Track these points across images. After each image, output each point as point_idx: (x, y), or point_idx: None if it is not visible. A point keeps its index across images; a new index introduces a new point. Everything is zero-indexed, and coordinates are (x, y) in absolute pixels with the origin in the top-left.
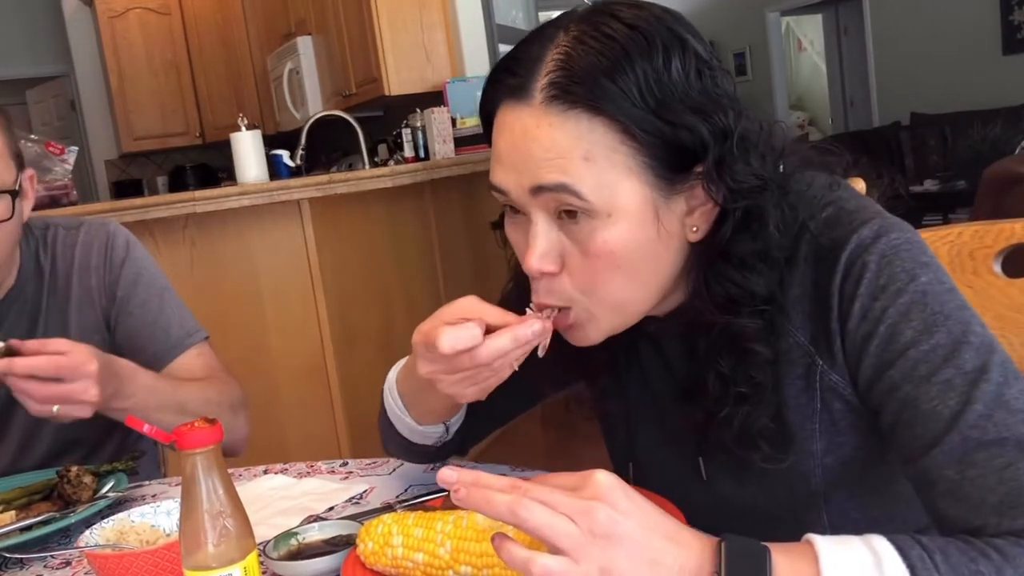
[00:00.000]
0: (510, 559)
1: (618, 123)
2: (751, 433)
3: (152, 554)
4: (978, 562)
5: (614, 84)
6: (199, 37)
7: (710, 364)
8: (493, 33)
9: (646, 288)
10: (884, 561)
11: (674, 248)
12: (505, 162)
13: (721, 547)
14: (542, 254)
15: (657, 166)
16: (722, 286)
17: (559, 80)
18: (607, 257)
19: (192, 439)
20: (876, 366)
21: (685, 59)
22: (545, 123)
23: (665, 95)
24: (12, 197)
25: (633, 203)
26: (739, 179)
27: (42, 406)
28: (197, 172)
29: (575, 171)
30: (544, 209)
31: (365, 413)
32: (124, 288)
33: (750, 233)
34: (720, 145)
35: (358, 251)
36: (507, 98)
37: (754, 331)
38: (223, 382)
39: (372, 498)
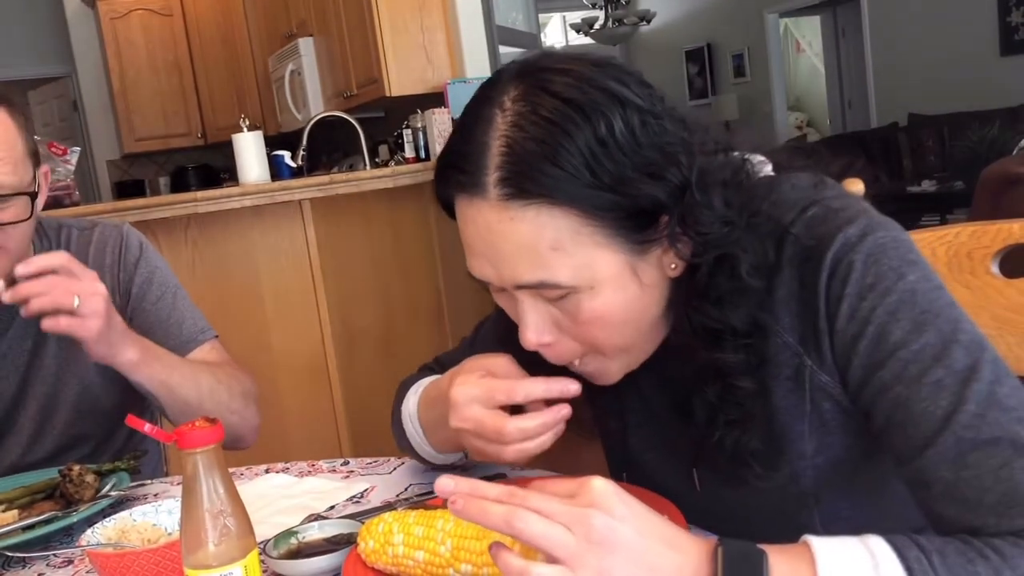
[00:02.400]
0: (506, 568)
1: (575, 207)
2: (742, 454)
3: (153, 553)
4: (976, 563)
5: (562, 170)
6: (201, 38)
7: (697, 392)
8: (493, 34)
9: (644, 331)
10: (881, 562)
11: (659, 292)
12: (479, 255)
13: (718, 551)
14: (537, 331)
15: (624, 232)
16: (702, 322)
17: (508, 176)
18: (599, 321)
19: (193, 438)
20: (866, 367)
21: (627, 116)
22: (507, 218)
23: (615, 165)
24: (31, 199)
25: (611, 271)
26: (704, 230)
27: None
28: (199, 172)
29: (548, 264)
30: (530, 296)
31: (366, 412)
32: (139, 286)
33: (724, 276)
34: (679, 201)
35: (359, 251)
36: (461, 192)
37: (737, 365)
38: (236, 370)
39: (373, 497)
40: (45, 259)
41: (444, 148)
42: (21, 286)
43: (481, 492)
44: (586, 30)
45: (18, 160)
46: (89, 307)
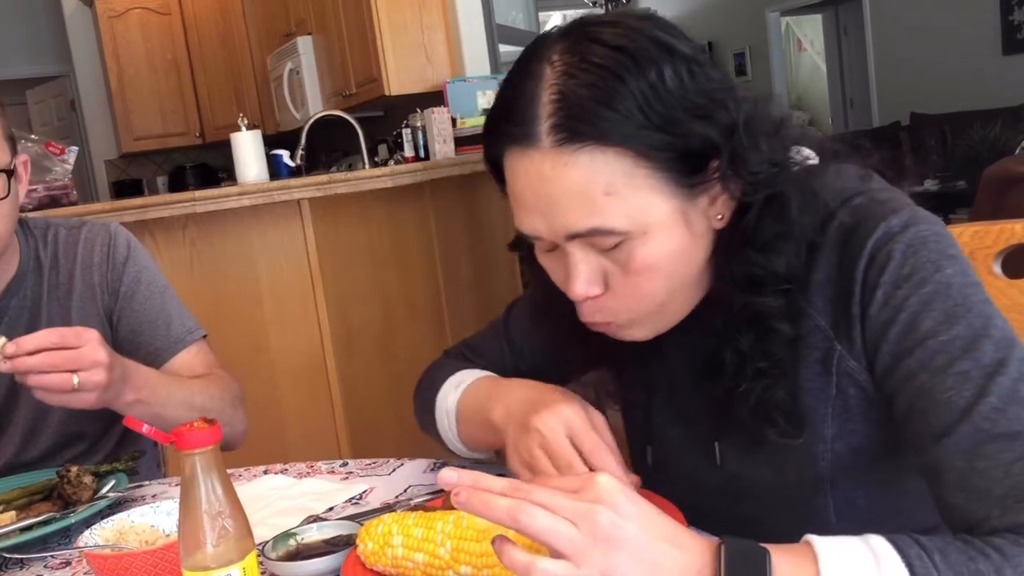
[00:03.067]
0: (511, 563)
1: (629, 149)
2: (768, 407)
3: (151, 554)
4: (977, 561)
5: (615, 112)
6: (199, 37)
7: (729, 340)
8: (493, 33)
9: (686, 286)
10: (883, 560)
11: (704, 243)
12: (530, 208)
13: (721, 549)
14: (586, 281)
15: (676, 176)
16: (745, 268)
17: (562, 121)
18: (648, 271)
19: (191, 439)
20: (894, 353)
21: (676, 65)
22: (560, 164)
23: (665, 107)
24: (8, 176)
25: (663, 216)
26: (754, 169)
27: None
28: (197, 172)
29: (601, 210)
30: (581, 245)
31: (365, 413)
32: (127, 285)
33: (772, 217)
34: (728, 141)
35: (358, 251)
36: (512, 145)
37: (776, 310)
38: (223, 378)
39: (372, 498)
40: (35, 339)
41: (492, 107)
42: (20, 360)
43: (485, 485)
44: None
45: None
46: (89, 382)
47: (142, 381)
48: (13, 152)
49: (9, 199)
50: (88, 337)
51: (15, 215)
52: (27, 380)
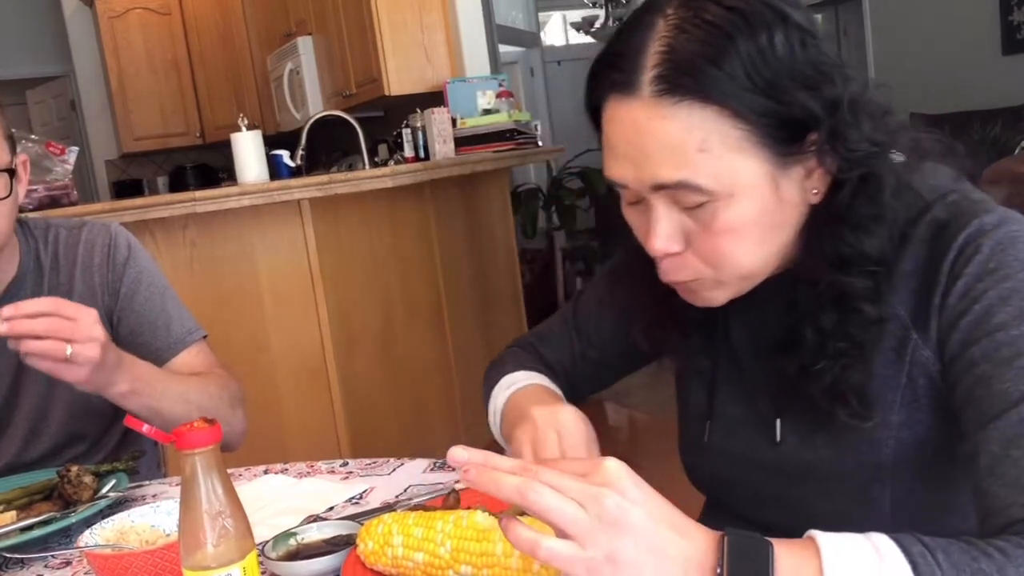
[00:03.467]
0: (516, 541)
1: (729, 108)
2: (842, 388)
3: (152, 554)
4: (980, 560)
5: (720, 71)
6: (199, 37)
7: (810, 317)
8: (493, 33)
9: (769, 253)
10: (886, 557)
11: (794, 213)
12: (620, 156)
13: (724, 540)
14: (666, 237)
15: (772, 143)
16: (836, 246)
17: (666, 73)
18: (731, 233)
19: (191, 439)
20: (962, 341)
21: (788, 32)
22: (657, 116)
23: (772, 73)
24: (10, 176)
25: (752, 180)
26: (853, 147)
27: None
28: (197, 172)
29: (692, 165)
30: (666, 199)
31: (365, 413)
32: (127, 286)
33: (866, 197)
34: (831, 116)
35: (358, 251)
36: (614, 92)
37: (862, 290)
38: (222, 377)
39: (372, 498)
40: (34, 304)
41: (600, 53)
42: (18, 322)
43: (493, 464)
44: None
45: None
46: (82, 355)
47: (137, 372)
48: (13, 151)
49: (9, 199)
50: (87, 312)
51: (14, 214)
52: (21, 346)
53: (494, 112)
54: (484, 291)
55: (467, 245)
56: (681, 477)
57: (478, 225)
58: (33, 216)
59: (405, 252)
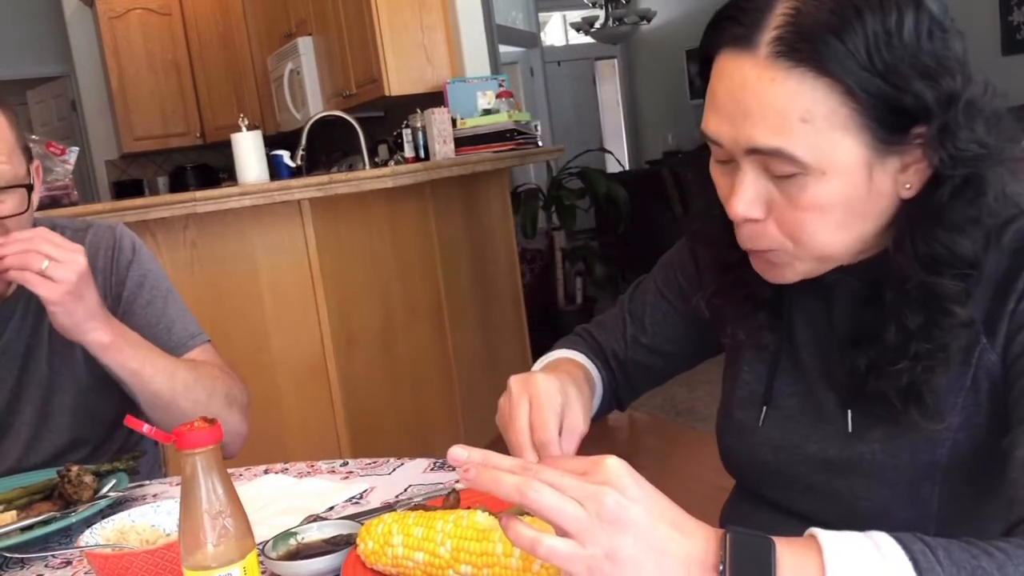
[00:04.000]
0: (517, 539)
1: (842, 84)
2: (920, 389)
3: (152, 554)
4: (980, 559)
5: (842, 44)
6: (200, 37)
7: (896, 316)
8: (493, 33)
9: (851, 239)
10: (887, 554)
11: (884, 204)
12: (721, 111)
13: (726, 538)
14: (749, 202)
15: (877, 128)
16: (929, 246)
17: (787, 36)
18: (816, 211)
19: (192, 439)
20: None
21: (919, 19)
22: (767, 77)
23: (894, 57)
24: (28, 192)
25: (848, 161)
26: (961, 147)
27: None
28: (198, 172)
29: (791, 133)
30: (756, 164)
31: (365, 413)
32: (130, 289)
33: (966, 199)
34: (944, 112)
35: (358, 251)
36: (729, 45)
37: (955, 293)
38: (225, 374)
39: (372, 498)
40: (23, 232)
41: (725, 4)
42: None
43: (494, 463)
44: (586, 29)
45: (12, 153)
46: (58, 273)
47: (121, 330)
48: (30, 160)
49: (26, 214)
50: (73, 244)
51: (30, 226)
52: (3, 261)
53: (494, 112)
54: (484, 291)
55: (467, 245)
56: (682, 475)
57: (478, 225)
58: (38, 217)
59: (405, 252)
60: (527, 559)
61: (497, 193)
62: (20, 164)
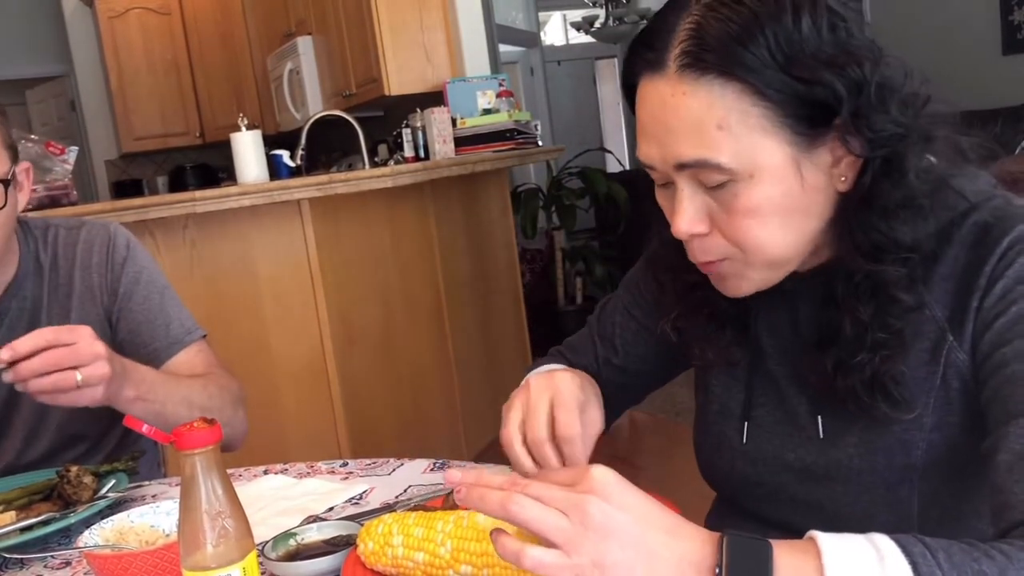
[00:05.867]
0: (503, 551)
1: (750, 85)
2: (883, 380)
3: (151, 554)
4: (981, 562)
5: (744, 48)
6: (199, 37)
7: (849, 310)
8: (493, 33)
9: (797, 239)
10: (886, 556)
11: (822, 200)
12: (648, 135)
13: (723, 541)
14: (690, 219)
15: (794, 123)
16: (867, 234)
17: (691, 49)
18: (754, 215)
19: (191, 439)
20: (993, 342)
21: (816, 15)
22: (679, 91)
23: (796, 53)
24: (5, 186)
25: (773, 162)
26: (877, 129)
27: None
28: (197, 172)
29: (712, 143)
30: (689, 179)
31: (365, 413)
32: (126, 286)
33: (891, 181)
34: (855, 97)
35: (358, 251)
36: (645, 71)
37: (897, 279)
38: (223, 377)
39: (372, 498)
40: (29, 340)
41: (637, 34)
42: (21, 366)
43: (484, 482)
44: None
45: None
46: (93, 376)
47: (140, 377)
48: (14, 160)
49: (6, 209)
50: (82, 332)
51: (12, 223)
52: (28, 386)
53: (494, 112)
54: (484, 291)
55: (467, 245)
56: (682, 475)
57: (478, 225)
58: (32, 216)
59: (405, 252)
60: None
61: (497, 193)
62: (2, 161)
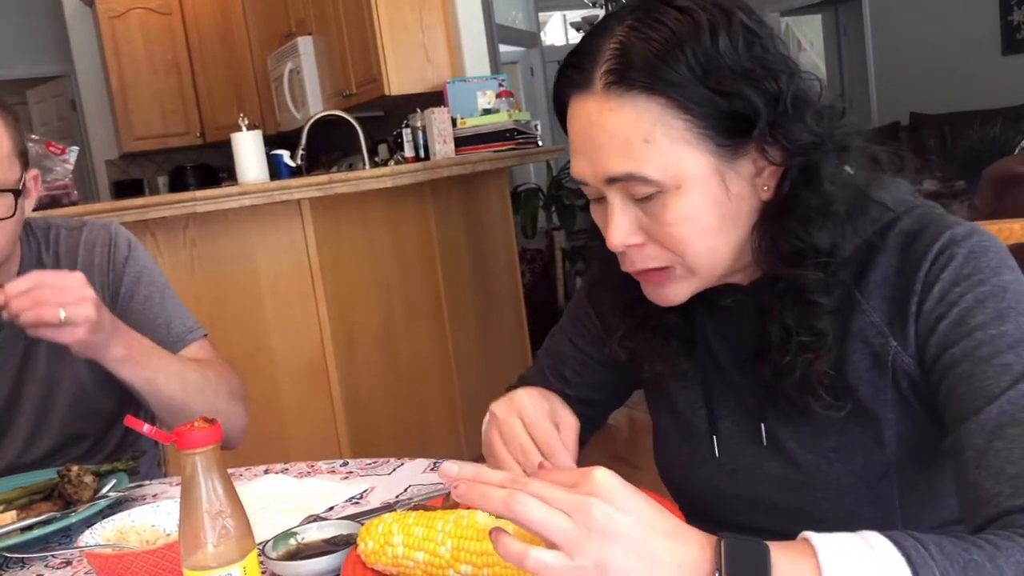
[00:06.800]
0: (505, 552)
1: (671, 99)
2: (811, 381)
3: (152, 554)
4: (971, 551)
5: (666, 64)
6: (199, 37)
7: (775, 315)
8: (493, 33)
9: (728, 247)
10: (880, 552)
11: (747, 208)
12: (579, 152)
13: (721, 544)
14: (623, 232)
15: (715, 135)
16: (787, 240)
17: (616, 67)
18: (684, 224)
19: (192, 439)
20: (940, 344)
21: (732, 33)
22: (606, 108)
23: (714, 68)
24: (15, 196)
25: (697, 172)
26: (793, 138)
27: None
28: (198, 172)
29: (638, 156)
30: (620, 192)
31: (365, 413)
32: (127, 286)
33: (808, 189)
34: (772, 108)
35: (358, 251)
36: (574, 90)
37: (815, 282)
38: (223, 368)
39: (372, 498)
40: (19, 282)
41: (565, 57)
42: (12, 303)
43: (483, 478)
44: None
45: (3, 158)
46: (78, 315)
47: (133, 339)
48: (24, 167)
49: (12, 219)
50: (72, 275)
51: (18, 230)
52: (20, 319)
53: (494, 112)
54: (484, 291)
55: (467, 245)
56: None
57: (478, 225)
58: (34, 216)
59: (405, 252)
60: None
61: (497, 193)
62: (12, 170)
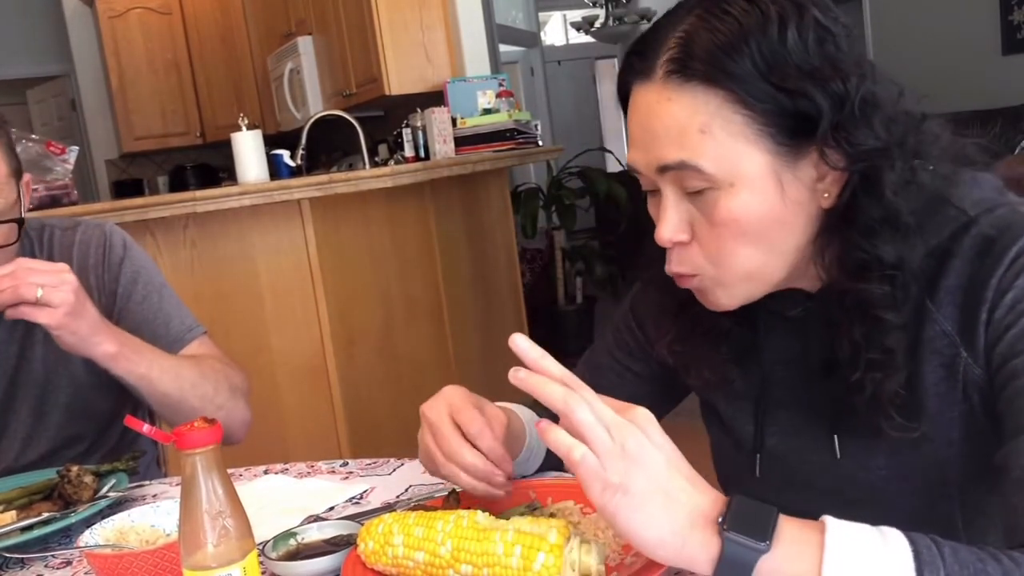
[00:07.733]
0: (555, 444)
1: (733, 93)
2: (882, 400)
3: (152, 554)
4: (986, 563)
5: (729, 57)
6: (200, 37)
7: (843, 331)
8: (493, 33)
9: (776, 255)
10: (890, 542)
11: (804, 215)
12: (636, 142)
13: (732, 499)
14: (672, 226)
15: (776, 133)
16: (850, 252)
17: (677, 56)
18: (732, 225)
19: (192, 439)
20: (1005, 355)
21: (802, 28)
22: (664, 97)
23: (780, 64)
24: (19, 225)
25: (753, 171)
26: (856, 143)
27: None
28: (197, 172)
29: (693, 146)
30: (672, 184)
31: (365, 413)
32: (124, 286)
33: (871, 198)
34: (837, 110)
35: (358, 251)
36: (636, 79)
37: (881, 297)
38: (225, 364)
39: (372, 498)
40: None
41: (630, 45)
42: None
43: (544, 367)
44: (587, 28)
45: (2, 185)
46: (56, 296)
47: (124, 336)
48: (19, 179)
49: (13, 247)
50: (56, 264)
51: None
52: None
53: (494, 112)
54: (484, 291)
55: (467, 245)
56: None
57: (478, 225)
58: (28, 216)
59: (405, 252)
60: (527, 559)
61: (497, 193)
62: (11, 192)
